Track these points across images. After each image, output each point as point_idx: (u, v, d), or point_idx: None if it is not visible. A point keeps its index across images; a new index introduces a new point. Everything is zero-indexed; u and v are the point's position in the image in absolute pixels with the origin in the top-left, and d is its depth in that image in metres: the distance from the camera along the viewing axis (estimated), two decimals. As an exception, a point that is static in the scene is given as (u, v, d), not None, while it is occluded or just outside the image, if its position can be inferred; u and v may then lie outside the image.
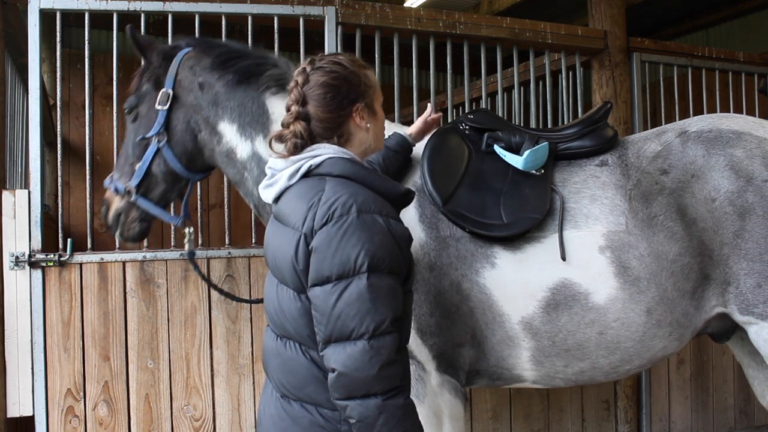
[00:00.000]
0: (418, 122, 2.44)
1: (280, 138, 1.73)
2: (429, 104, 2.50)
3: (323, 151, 1.68)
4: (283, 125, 1.75)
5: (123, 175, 2.50)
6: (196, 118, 2.47)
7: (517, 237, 2.26)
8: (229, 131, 2.44)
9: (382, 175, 1.73)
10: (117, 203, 2.53)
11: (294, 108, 1.72)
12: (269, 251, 1.74)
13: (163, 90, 2.44)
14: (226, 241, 3.32)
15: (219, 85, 2.43)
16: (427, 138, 2.46)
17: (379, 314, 1.50)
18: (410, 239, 1.64)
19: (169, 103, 2.43)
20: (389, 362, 1.50)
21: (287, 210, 1.66)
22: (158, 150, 2.43)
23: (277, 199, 1.74)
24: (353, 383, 1.49)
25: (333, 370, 1.51)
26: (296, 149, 1.70)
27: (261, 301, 2.85)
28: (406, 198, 1.72)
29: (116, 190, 2.51)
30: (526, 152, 2.33)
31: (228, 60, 2.44)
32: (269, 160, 1.76)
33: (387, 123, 2.59)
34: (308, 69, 1.74)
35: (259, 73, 2.43)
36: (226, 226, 3.35)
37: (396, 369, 1.52)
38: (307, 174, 1.67)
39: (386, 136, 2.40)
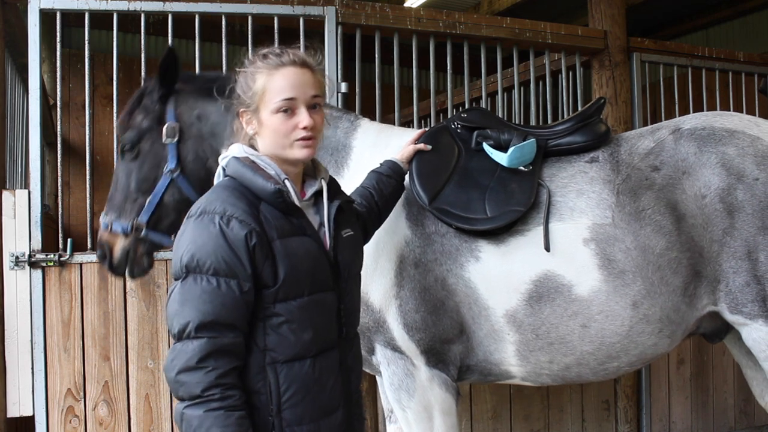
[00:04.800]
0: (407, 150, 2.38)
1: None
2: (421, 145, 2.42)
3: (229, 151, 1.73)
4: None
5: (125, 213, 2.47)
6: (203, 147, 2.48)
7: (501, 230, 2.27)
8: None
9: (261, 172, 1.65)
10: (122, 243, 2.47)
11: None
12: None
13: (169, 124, 2.44)
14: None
15: (213, 116, 2.45)
16: (417, 136, 2.46)
17: (183, 317, 1.49)
18: (247, 241, 1.54)
19: (177, 136, 2.45)
20: (187, 368, 1.46)
21: None
22: (172, 181, 2.45)
23: None
24: (168, 382, 1.52)
25: None
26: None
27: None
28: (278, 196, 1.62)
29: (121, 231, 2.46)
30: (511, 149, 2.34)
31: (211, 88, 2.40)
32: None
33: (366, 121, 2.58)
34: None
35: None
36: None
37: (197, 377, 1.46)
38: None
39: (365, 134, 2.44)
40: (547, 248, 2.23)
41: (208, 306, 1.49)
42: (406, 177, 2.37)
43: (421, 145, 2.39)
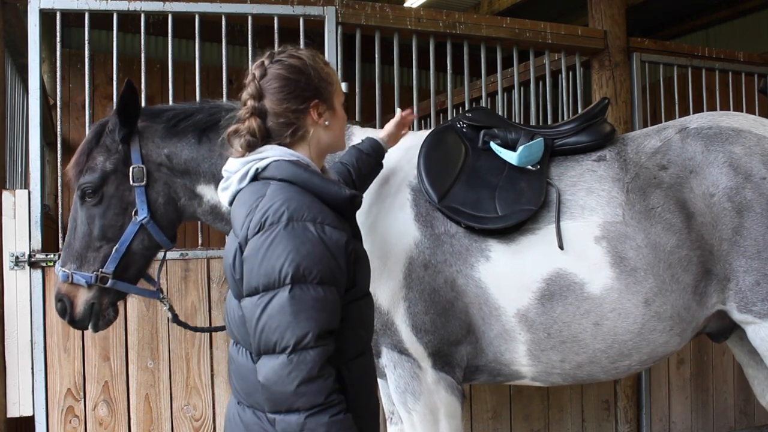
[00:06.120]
0: (388, 126, 2.40)
1: (236, 133, 1.69)
2: (398, 109, 2.46)
3: (269, 153, 1.63)
4: (238, 120, 1.70)
5: (87, 263, 2.28)
6: (174, 188, 2.37)
7: (511, 229, 2.27)
8: (207, 191, 2.40)
9: (328, 178, 1.65)
10: (85, 295, 2.29)
11: (250, 103, 1.66)
12: (224, 256, 1.70)
13: (135, 166, 2.28)
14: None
15: (184, 152, 2.36)
16: (424, 136, 2.47)
17: (300, 328, 1.45)
18: (347, 247, 1.56)
19: (145, 180, 2.30)
20: (310, 378, 1.45)
21: (233, 215, 1.63)
22: (141, 227, 2.29)
23: (232, 202, 1.69)
24: (275, 397, 1.47)
25: (259, 383, 1.49)
26: (249, 147, 1.65)
27: (221, 329, 2.74)
28: (351, 202, 1.63)
29: (84, 282, 2.27)
30: (520, 148, 2.35)
31: (179, 122, 2.36)
32: (226, 162, 1.72)
33: (357, 128, 2.59)
34: (266, 62, 1.69)
35: (215, 123, 2.37)
36: (226, 226, 3.35)
37: (319, 385, 1.46)
38: (256, 177, 1.63)
39: (360, 141, 2.37)
40: (561, 246, 2.23)
41: (321, 314, 1.48)
42: (413, 175, 2.38)
43: (402, 114, 2.41)
